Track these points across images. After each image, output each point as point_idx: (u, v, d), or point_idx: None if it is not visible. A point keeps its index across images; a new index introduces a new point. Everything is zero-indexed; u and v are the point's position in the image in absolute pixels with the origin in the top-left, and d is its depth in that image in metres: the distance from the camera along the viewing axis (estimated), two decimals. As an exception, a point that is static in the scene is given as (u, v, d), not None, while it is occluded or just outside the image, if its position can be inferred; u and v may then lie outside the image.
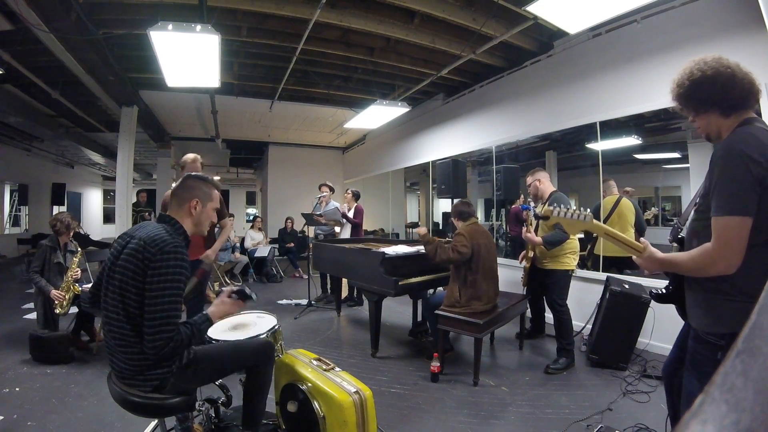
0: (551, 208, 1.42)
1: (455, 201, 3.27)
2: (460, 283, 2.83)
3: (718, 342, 1.19)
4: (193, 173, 1.69)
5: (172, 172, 8.91)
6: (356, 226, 4.99)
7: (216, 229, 3.11)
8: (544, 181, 3.16)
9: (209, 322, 1.54)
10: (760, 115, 2.64)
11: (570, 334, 2.97)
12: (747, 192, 1.09)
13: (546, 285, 3.09)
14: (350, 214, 5.04)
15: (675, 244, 1.45)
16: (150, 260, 1.37)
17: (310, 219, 4.87)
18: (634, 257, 1.37)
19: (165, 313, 1.34)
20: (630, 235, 3.60)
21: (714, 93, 1.22)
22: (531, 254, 3.15)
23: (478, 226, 2.96)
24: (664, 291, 1.48)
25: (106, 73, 4.65)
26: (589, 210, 1.40)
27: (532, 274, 3.20)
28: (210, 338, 1.80)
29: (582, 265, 3.82)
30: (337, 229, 5.27)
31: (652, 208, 4.34)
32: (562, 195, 3.06)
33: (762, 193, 1.10)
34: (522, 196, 4.95)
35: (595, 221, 1.38)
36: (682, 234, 1.44)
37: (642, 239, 1.35)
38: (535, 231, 3.11)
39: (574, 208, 1.40)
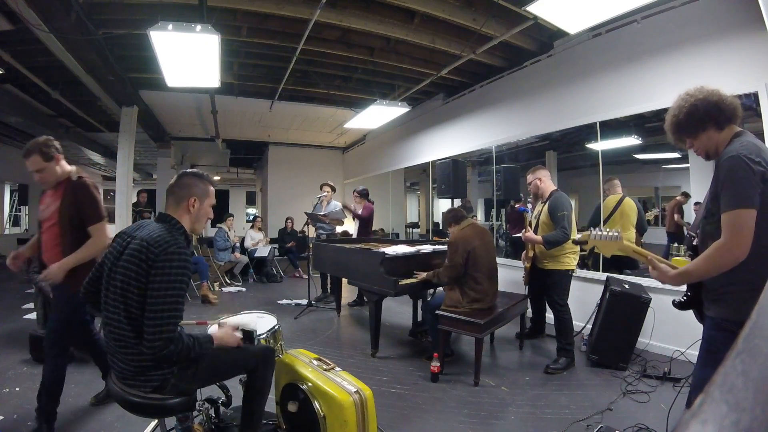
0: (588, 233, 1.59)
1: (444, 211, 3.27)
2: (459, 285, 2.84)
3: (736, 330, 1.21)
4: (188, 170, 1.66)
5: (172, 172, 8.91)
6: (363, 221, 4.97)
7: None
8: (545, 180, 3.16)
9: (210, 344, 1.53)
10: (759, 115, 2.67)
11: (570, 334, 2.97)
12: (750, 187, 1.26)
13: (547, 285, 3.09)
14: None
15: (690, 253, 1.56)
16: (153, 261, 1.36)
17: (314, 219, 4.88)
18: (651, 272, 1.49)
19: (166, 313, 1.34)
20: (630, 235, 3.61)
21: (710, 110, 1.39)
22: (531, 254, 3.15)
23: (474, 227, 2.94)
24: (684, 299, 1.56)
25: (106, 73, 4.65)
26: (618, 231, 1.54)
27: (533, 274, 3.20)
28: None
29: (582, 264, 3.82)
30: (339, 228, 5.27)
31: (653, 209, 4.34)
32: (563, 194, 3.06)
33: (764, 189, 1.26)
34: (522, 196, 4.96)
35: (625, 241, 1.54)
36: (695, 242, 1.53)
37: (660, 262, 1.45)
38: (535, 230, 3.12)
39: (607, 230, 1.55)
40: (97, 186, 2.19)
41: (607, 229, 1.54)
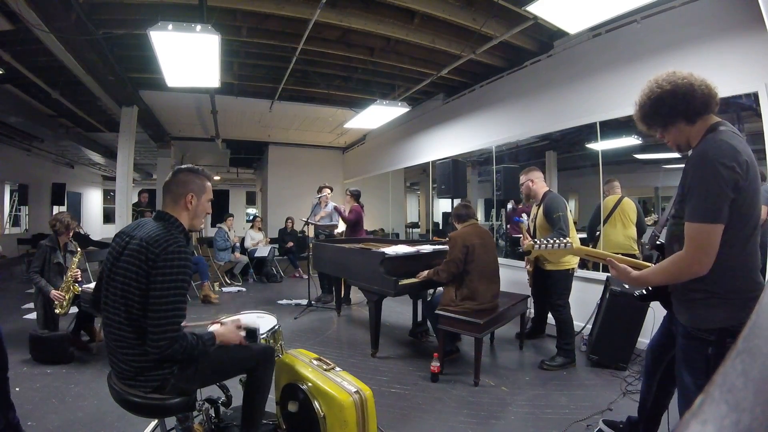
0: (532, 242, 1.53)
1: (455, 203, 3.28)
2: (454, 283, 2.86)
3: (707, 337, 1.24)
4: (183, 166, 1.63)
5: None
6: (350, 224, 5.03)
7: None
8: (537, 182, 3.13)
9: (213, 342, 1.53)
10: (759, 115, 2.66)
11: (570, 335, 2.97)
12: (719, 199, 1.16)
13: (546, 285, 3.10)
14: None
15: (655, 252, 1.52)
16: (154, 261, 1.35)
17: (315, 227, 5.07)
18: (610, 270, 1.45)
19: (170, 313, 1.34)
20: (632, 232, 3.63)
21: (677, 104, 1.27)
22: (533, 257, 3.15)
23: (475, 228, 2.96)
24: (645, 292, 1.55)
25: (106, 73, 4.65)
26: (568, 239, 1.51)
27: (536, 275, 3.21)
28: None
29: (583, 264, 3.82)
30: (337, 230, 5.32)
31: (652, 215, 4.35)
32: (557, 195, 3.03)
33: (736, 197, 1.16)
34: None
35: (576, 246, 1.49)
36: (660, 240, 1.50)
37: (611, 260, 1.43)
38: (534, 234, 3.13)
39: (555, 239, 1.51)
40: None
41: (555, 239, 1.50)
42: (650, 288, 1.52)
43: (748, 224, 1.20)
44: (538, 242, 1.50)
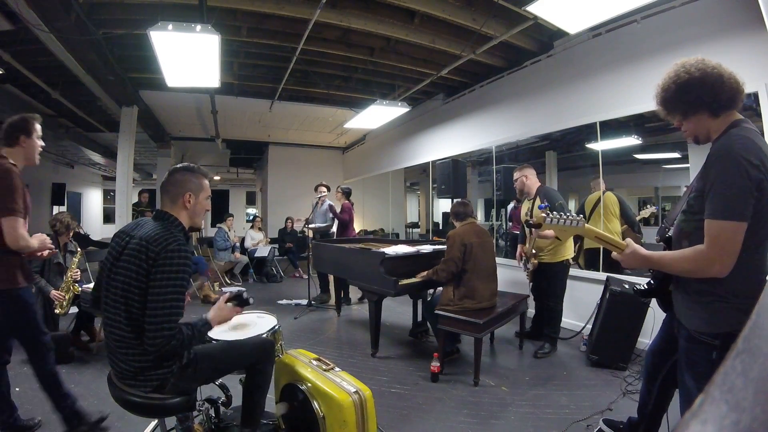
0: (543, 215, 1.41)
1: (454, 202, 3.33)
2: (453, 282, 2.86)
3: (712, 342, 1.19)
4: (179, 165, 1.62)
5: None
6: (342, 224, 5.05)
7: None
8: (531, 178, 3.26)
9: (208, 326, 1.54)
10: (759, 115, 2.66)
11: (558, 323, 3.20)
12: (744, 197, 1.09)
13: (547, 277, 3.20)
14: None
15: (662, 244, 1.45)
16: (154, 260, 1.36)
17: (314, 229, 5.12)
18: (613, 254, 1.38)
19: (167, 311, 1.34)
20: (617, 226, 3.67)
21: (703, 94, 1.20)
22: (533, 251, 3.18)
23: (473, 226, 2.97)
24: (646, 287, 1.51)
25: (106, 73, 4.65)
26: (581, 215, 1.40)
27: (536, 272, 3.26)
28: (210, 338, 1.80)
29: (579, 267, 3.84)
30: (334, 228, 5.36)
31: (650, 206, 4.35)
32: (551, 189, 3.19)
33: (758, 197, 1.10)
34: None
35: (587, 226, 1.39)
36: (670, 233, 1.43)
37: (627, 239, 1.38)
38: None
39: (567, 214, 1.39)
40: (17, 173, 1.81)
41: (568, 215, 1.39)
42: (652, 283, 1.48)
43: (764, 227, 1.14)
44: (550, 216, 1.38)
